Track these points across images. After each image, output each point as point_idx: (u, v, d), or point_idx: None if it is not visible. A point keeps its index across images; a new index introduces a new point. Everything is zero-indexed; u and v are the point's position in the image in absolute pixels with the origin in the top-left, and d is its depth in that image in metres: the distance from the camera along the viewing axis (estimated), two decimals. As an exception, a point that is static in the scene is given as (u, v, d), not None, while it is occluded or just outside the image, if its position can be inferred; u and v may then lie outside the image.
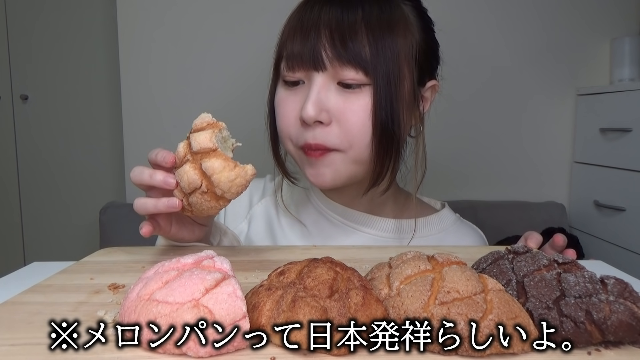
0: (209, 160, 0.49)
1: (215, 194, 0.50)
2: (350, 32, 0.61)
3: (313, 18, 0.63)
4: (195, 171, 0.50)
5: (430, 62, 0.70)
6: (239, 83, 1.70)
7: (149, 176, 0.54)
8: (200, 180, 0.49)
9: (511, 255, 0.42)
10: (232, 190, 0.50)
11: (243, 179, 0.50)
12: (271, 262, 0.54)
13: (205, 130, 0.50)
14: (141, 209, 0.55)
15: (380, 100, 0.61)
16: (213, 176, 0.49)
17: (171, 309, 0.32)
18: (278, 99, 0.68)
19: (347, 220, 0.74)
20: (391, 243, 0.73)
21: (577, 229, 1.76)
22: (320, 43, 0.61)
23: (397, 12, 0.64)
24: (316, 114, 0.61)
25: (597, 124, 1.64)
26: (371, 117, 0.62)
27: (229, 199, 0.51)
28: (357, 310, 0.33)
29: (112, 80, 2.01)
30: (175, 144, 0.53)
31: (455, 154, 1.78)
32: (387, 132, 0.62)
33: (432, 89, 0.71)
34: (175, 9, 1.70)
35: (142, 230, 0.55)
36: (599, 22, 1.75)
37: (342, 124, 0.62)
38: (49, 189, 2.15)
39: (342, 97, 0.62)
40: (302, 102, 0.63)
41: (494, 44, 1.74)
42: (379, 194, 0.71)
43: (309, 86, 0.63)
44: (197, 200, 0.51)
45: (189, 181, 0.50)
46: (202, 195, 0.50)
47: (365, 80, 0.62)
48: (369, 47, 0.61)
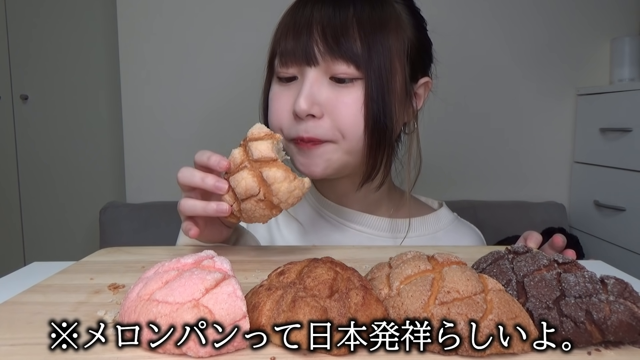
0: (270, 169, 0.50)
1: (271, 202, 0.51)
2: (342, 28, 0.62)
3: (306, 16, 0.64)
4: (254, 178, 0.50)
5: (423, 59, 0.71)
6: (239, 83, 1.70)
7: (200, 179, 0.53)
8: (258, 188, 0.50)
9: (511, 255, 0.42)
10: (288, 201, 0.51)
11: (300, 191, 0.51)
12: (271, 262, 0.54)
13: (264, 140, 0.51)
14: (188, 211, 0.55)
15: (371, 92, 0.62)
16: (273, 185, 0.49)
17: (171, 309, 0.32)
18: (272, 94, 0.69)
19: (342, 219, 0.74)
20: (386, 242, 0.73)
21: (577, 229, 1.76)
22: (313, 39, 0.63)
23: (388, 10, 0.66)
24: (308, 107, 0.62)
25: (597, 124, 1.64)
26: (363, 110, 0.63)
27: (282, 210, 0.52)
28: (357, 310, 0.33)
29: (112, 80, 2.01)
30: (176, 144, 0.53)
31: (455, 154, 1.78)
32: (379, 124, 0.63)
33: (425, 87, 0.72)
34: (175, 9, 1.70)
35: (192, 232, 0.55)
36: (599, 22, 1.75)
37: (334, 117, 0.63)
38: (49, 189, 2.15)
39: (334, 91, 0.63)
40: (295, 96, 0.64)
41: (494, 44, 1.74)
42: (373, 189, 0.72)
43: (301, 81, 0.64)
44: (251, 207, 0.51)
45: (246, 187, 0.50)
46: (258, 203, 0.51)
47: (357, 75, 0.63)
48: (360, 42, 0.62)
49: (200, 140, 1.72)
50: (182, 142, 1.74)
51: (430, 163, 1.81)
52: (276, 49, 0.67)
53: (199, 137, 1.73)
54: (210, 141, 1.72)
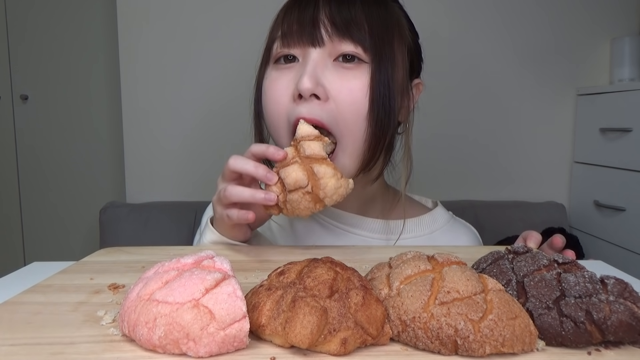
0: (321, 165, 0.53)
1: (317, 196, 0.53)
2: (350, 9, 0.62)
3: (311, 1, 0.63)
4: (304, 172, 0.53)
5: (418, 59, 0.73)
6: (240, 83, 1.69)
7: (253, 167, 0.56)
8: (307, 181, 0.53)
9: (511, 255, 0.42)
10: (333, 197, 0.54)
11: (345, 190, 0.55)
12: (271, 262, 0.54)
13: (315, 141, 0.56)
14: (235, 196, 0.56)
15: (378, 79, 0.61)
16: (322, 180, 0.53)
17: (171, 309, 0.32)
18: (268, 82, 0.66)
19: (338, 222, 0.74)
20: (380, 244, 0.72)
21: (577, 229, 1.76)
22: (319, 17, 0.62)
23: (391, 9, 0.67)
24: (313, 87, 0.60)
25: (597, 124, 1.64)
26: (368, 95, 0.62)
27: (326, 205, 0.55)
28: (357, 310, 0.33)
29: (112, 80, 2.01)
30: (176, 144, 0.54)
31: (455, 154, 1.78)
32: (384, 113, 0.62)
33: (417, 89, 0.73)
34: (175, 9, 1.70)
35: (249, 215, 0.56)
36: (599, 22, 1.75)
37: (338, 102, 0.61)
38: (49, 189, 2.15)
39: (339, 74, 0.62)
40: (296, 79, 0.62)
41: (494, 44, 1.74)
42: (370, 181, 0.71)
43: (303, 64, 0.62)
44: (297, 199, 0.53)
45: (296, 179, 0.53)
46: (304, 195, 0.53)
47: (364, 57, 0.62)
48: (368, 27, 0.62)
49: (200, 140, 1.72)
50: (182, 142, 1.74)
51: (430, 163, 1.82)
52: (275, 33, 0.65)
53: (199, 137, 1.73)
54: (210, 141, 1.73)
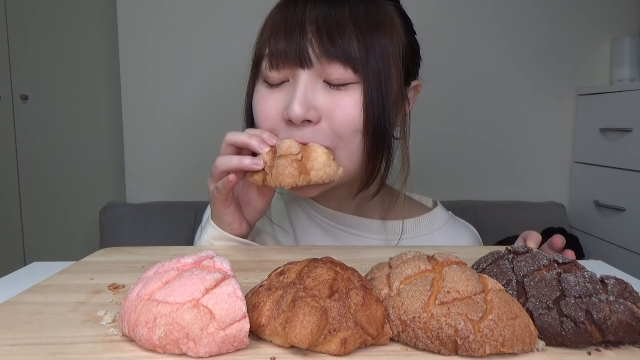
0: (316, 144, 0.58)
1: (305, 167, 0.56)
2: (339, 27, 0.58)
3: (298, 14, 0.60)
4: (299, 144, 0.57)
5: (415, 62, 0.69)
6: (240, 82, 1.70)
7: (247, 136, 0.59)
8: (299, 149, 0.56)
9: (511, 255, 0.42)
10: (319, 173, 0.56)
11: (333, 170, 0.57)
12: (271, 262, 0.54)
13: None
14: (224, 165, 0.59)
15: (371, 98, 0.59)
16: (313, 153, 0.56)
17: (171, 309, 0.32)
18: (258, 97, 0.63)
19: (336, 224, 0.73)
20: (379, 245, 0.72)
21: (577, 229, 1.76)
22: (307, 39, 0.58)
23: (382, 10, 0.63)
24: (304, 113, 0.58)
25: (597, 124, 1.65)
26: (362, 114, 0.59)
27: (310, 180, 0.56)
28: (357, 310, 0.33)
29: (112, 80, 2.01)
30: (175, 144, 0.54)
31: (455, 154, 1.78)
32: (379, 130, 0.60)
33: (414, 90, 0.70)
34: (175, 9, 1.70)
35: (230, 177, 0.58)
36: (599, 22, 1.75)
37: (332, 122, 0.59)
38: (49, 189, 2.15)
39: (330, 95, 0.59)
40: (286, 100, 0.60)
41: (494, 44, 1.74)
42: (368, 198, 0.69)
43: (293, 85, 0.60)
44: (284, 163, 0.55)
45: (289, 145, 0.56)
46: (292, 163, 0.55)
47: (354, 79, 0.59)
48: (357, 44, 0.58)
49: (200, 140, 1.72)
50: (182, 142, 1.73)
51: (430, 163, 1.82)
52: (263, 50, 0.63)
53: (200, 138, 1.73)
54: (210, 141, 1.72)
